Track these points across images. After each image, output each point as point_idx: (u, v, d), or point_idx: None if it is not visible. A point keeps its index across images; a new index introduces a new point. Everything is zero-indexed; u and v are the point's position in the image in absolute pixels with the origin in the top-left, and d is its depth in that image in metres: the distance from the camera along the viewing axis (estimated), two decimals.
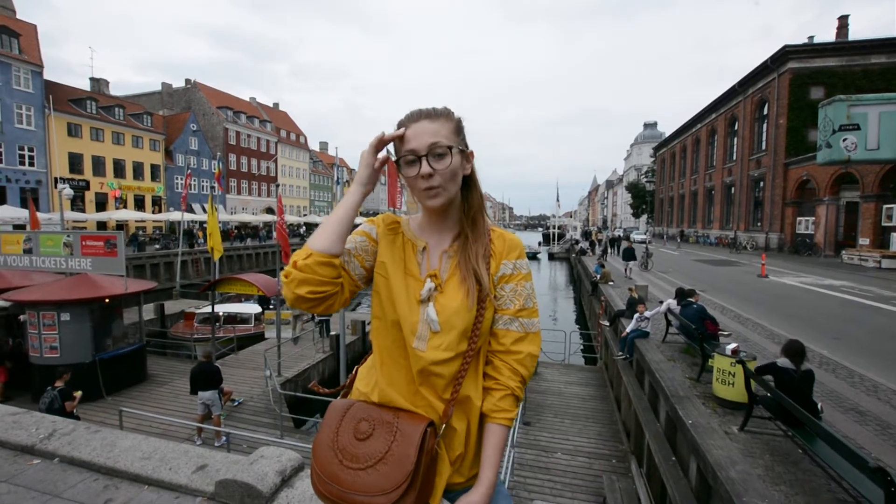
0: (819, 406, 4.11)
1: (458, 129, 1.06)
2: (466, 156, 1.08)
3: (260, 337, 13.27)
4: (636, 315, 8.18)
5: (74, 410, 6.39)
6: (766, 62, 27.25)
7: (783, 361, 4.19)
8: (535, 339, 1.10)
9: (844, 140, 12.16)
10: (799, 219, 25.76)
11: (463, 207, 1.11)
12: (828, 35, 27.86)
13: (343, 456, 0.98)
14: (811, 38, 27.43)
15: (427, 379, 1.02)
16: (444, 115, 1.04)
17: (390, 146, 1.08)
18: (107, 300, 9.32)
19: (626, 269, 16.73)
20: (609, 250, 23.73)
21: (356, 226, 1.13)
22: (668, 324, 7.78)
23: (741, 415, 4.50)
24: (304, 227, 47.62)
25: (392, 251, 1.11)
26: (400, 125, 1.05)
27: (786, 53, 25.59)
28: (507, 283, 1.09)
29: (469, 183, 1.10)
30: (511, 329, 1.08)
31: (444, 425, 1.01)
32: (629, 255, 16.86)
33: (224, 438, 7.17)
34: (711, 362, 5.35)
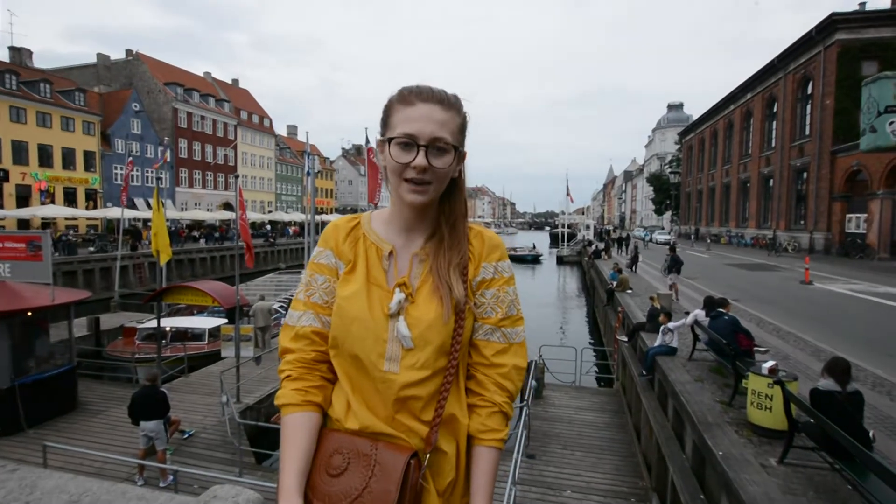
0: (871, 434, 4.16)
1: (464, 127, 1.09)
2: (461, 156, 1.10)
3: (215, 356, 13.14)
4: (662, 328, 8.26)
5: None
6: (809, 33, 27.67)
7: (826, 383, 4.24)
8: (519, 351, 1.13)
9: (892, 123, 12.29)
10: (849, 216, 26.13)
11: (442, 209, 1.12)
12: (882, 1, 28.31)
13: (314, 496, 0.98)
14: (862, 4, 27.90)
15: (404, 404, 1.03)
16: (455, 106, 1.07)
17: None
18: (29, 313, 9.19)
19: (671, 288, 13.52)
20: (638, 257, 21.86)
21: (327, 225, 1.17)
22: (696, 338, 7.83)
23: (780, 444, 4.54)
24: (269, 226, 47.41)
25: (353, 259, 1.14)
26: (403, 98, 1.06)
27: (833, 23, 26.00)
28: (487, 289, 1.12)
29: (455, 186, 1.12)
30: (492, 340, 1.11)
31: (428, 455, 1.02)
32: (676, 265, 14.22)
33: (171, 477, 7.07)
34: (745, 383, 5.39)
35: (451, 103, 1.06)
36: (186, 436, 8.74)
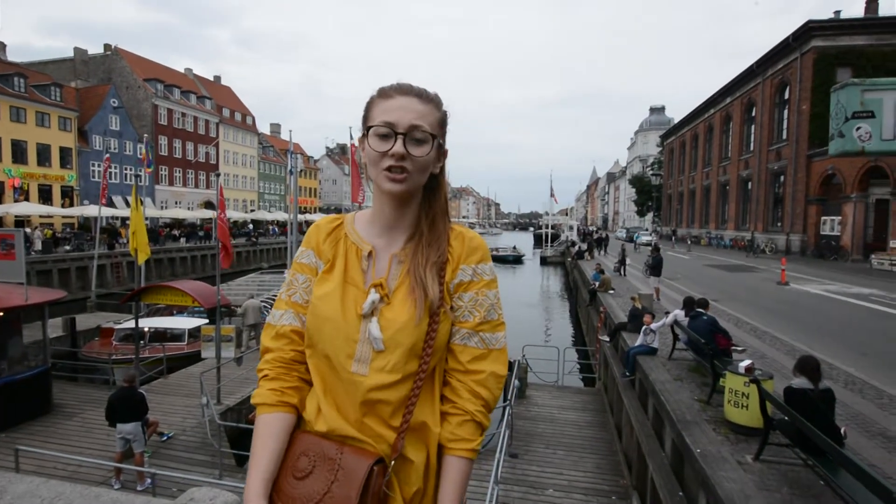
0: (842, 431, 4.28)
1: (443, 122, 1.10)
2: (442, 153, 1.11)
3: (195, 357, 12.99)
4: (644, 328, 8.37)
5: None
6: (787, 40, 28.30)
7: (799, 381, 4.34)
8: (499, 357, 1.10)
9: (858, 129, 12.60)
10: (823, 218, 26.77)
11: (423, 207, 1.12)
12: (856, 10, 29.15)
13: (279, 498, 0.98)
14: (837, 13, 28.58)
15: (372, 408, 1.02)
16: (434, 101, 1.08)
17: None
18: (1, 314, 9.00)
19: (656, 294, 13.59)
20: (626, 260, 21.93)
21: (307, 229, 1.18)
22: (676, 338, 7.97)
23: (756, 441, 4.64)
24: (251, 225, 46.89)
25: (331, 259, 1.13)
26: (382, 93, 1.07)
27: (809, 30, 26.62)
28: (465, 292, 1.10)
29: (435, 183, 1.13)
30: (469, 345, 1.08)
31: (393, 461, 1.00)
32: (657, 265, 14.42)
33: (148, 481, 7.00)
34: (723, 382, 5.50)
35: (430, 98, 1.07)
36: (165, 438, 8.60)
